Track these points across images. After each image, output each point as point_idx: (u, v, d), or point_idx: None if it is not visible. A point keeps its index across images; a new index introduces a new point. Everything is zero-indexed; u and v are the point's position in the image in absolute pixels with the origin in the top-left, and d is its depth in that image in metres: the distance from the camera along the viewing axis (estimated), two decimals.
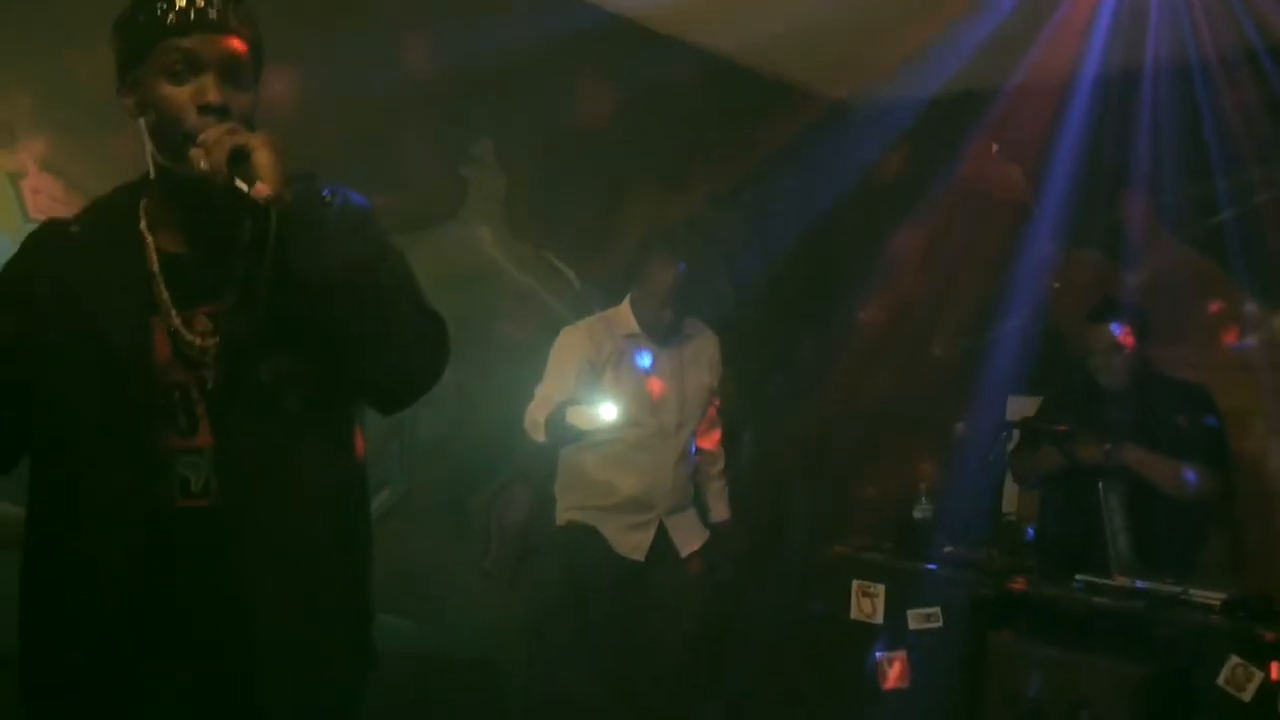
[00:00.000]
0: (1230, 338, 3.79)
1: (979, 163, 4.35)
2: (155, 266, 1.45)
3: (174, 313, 1.43)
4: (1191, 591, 2.89)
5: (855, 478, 4.47)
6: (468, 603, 3.59)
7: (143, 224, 1.48)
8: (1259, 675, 2.59)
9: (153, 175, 1.48)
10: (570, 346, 3.33)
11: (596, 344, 3.31)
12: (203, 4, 1.40)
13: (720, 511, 3.57)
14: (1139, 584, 2.96)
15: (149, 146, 1.45)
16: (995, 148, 4.32)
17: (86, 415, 1.41)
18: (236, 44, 1.41)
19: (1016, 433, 3.42)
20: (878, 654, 3.22)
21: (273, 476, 1.43)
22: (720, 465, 3.61)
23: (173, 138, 1.39)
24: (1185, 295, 3.85)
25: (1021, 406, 3.66)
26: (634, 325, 3.37)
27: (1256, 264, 3.67)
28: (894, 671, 3.21)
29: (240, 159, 1.31)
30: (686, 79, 4.10)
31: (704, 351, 3.47)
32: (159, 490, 1.41)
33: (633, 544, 3.32)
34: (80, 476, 1.41)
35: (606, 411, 2.97)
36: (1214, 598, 2.83)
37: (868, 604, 3.28)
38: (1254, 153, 3.65)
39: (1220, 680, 2.63)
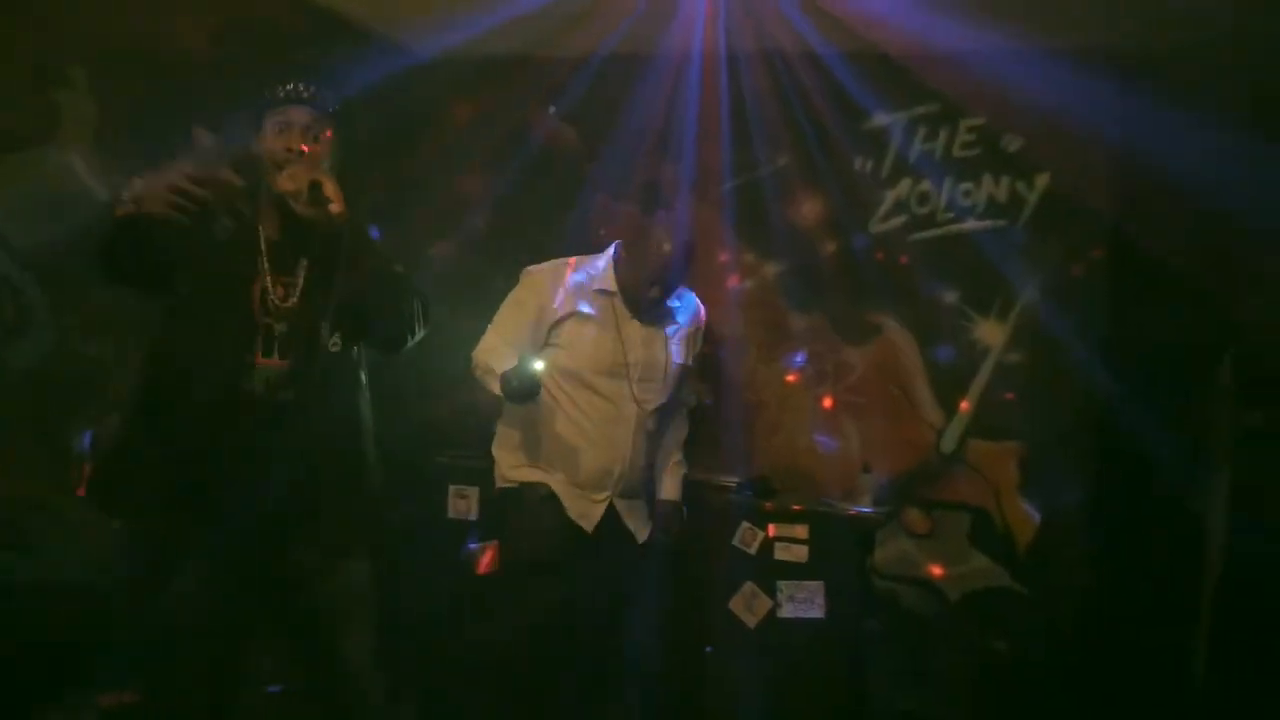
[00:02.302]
0: (732, 281, 4.78)
1: (539, 121, 4.94)
2: (263, 246, 2.27)
3: (268, 276, 2.25)
4: (714, 477, 3.80)
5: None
6: (68, 532, 3.58)
7: (258, 219, 2.29)
8: (761, 534, 3.51)
9: (266, 190, 2.29)
10: (531, 291, 3.09)
11: (562, 293, 3.05)
12: (297, 87, 2.31)
13: (670, 490, 3.33)
14: None
15: (266, 172, 2.28)
16: (553, 109, 4.94)
17: (208, 324, 2.19)
18: (312, 113, 2.32)
19: None
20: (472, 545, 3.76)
21: (320, 387, 2.21)
22: (682, 437, 3.38)
23: (269, 168, 2.26)
24: (701, 246, 4.76)
25: None
26: (612, 283, 3.11)
27: (754, 224, 4.67)
28: (485, 559, 3.75)
29: (316, 187, 2.15)
30: (274, 13, 4.23)
31: (684, 326, 3.22)
32: (243, 383, 2.18)
33: (579, 512, 3.06)
34: (193, 349, 2.19)
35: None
36: (729, 481, 3.76)
37: (463, 504, 3.79)
38: (757, 135, 4.62)
39: (735, 540, 3.53)
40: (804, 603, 3.38)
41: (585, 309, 3.04)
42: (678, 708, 3.49)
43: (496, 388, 2.89)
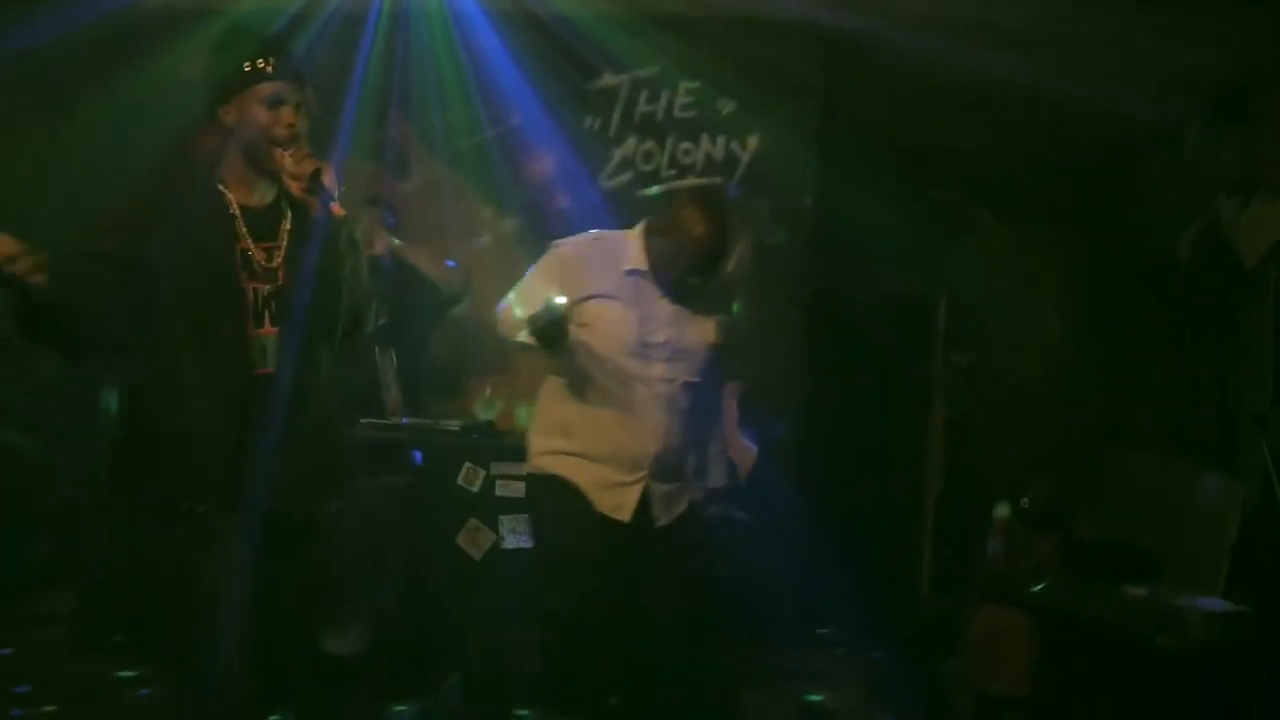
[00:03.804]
0: (471, 235, 4.91)
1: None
2: (235, 210, 2.21)
3: (250, 241, 2.20)
4: (440, 423, 3.96)
5: None
6: None
7: (220, 184, 2.22)
8: (483, 473, 3.70)
9: (235, 157, 2.21)
10: (558, 263, 2.95)
11: (587, 273, 2.88)
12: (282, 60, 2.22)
13: (716, 478, 3.15)
14: (404, 421, 3.96)
15: (238, 142, 2.20)
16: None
17: (197, 303, 2.15)
18: (292, 87, 2.20)
19: None
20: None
21: (304, 356, 2.23)
22: (729, 424, 3.26)
23: (260, 142, 2.17)
24: (441, 202, 4.89)
25: None
26: (641, 260, 2.92)
27: (490, 181, 4.82)
28: None
29: (317, 175, 2.11)
30: None
31: (719, 303, 3.03)
32: (240, 359, 2.16)
33: (614, 503, 2.90)
34: (189, 345, 2.14)
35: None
36: (454, 425, 3.92)
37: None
38: (491, 94, 4.76)
39: (459, 479, 3.69)
40: (525, 534, 3.58)
41: (612, 289, 2.89)
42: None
43: (525, 334, 2.81)
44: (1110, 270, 5.01)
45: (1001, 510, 3.84)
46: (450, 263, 4.43)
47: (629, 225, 3.00)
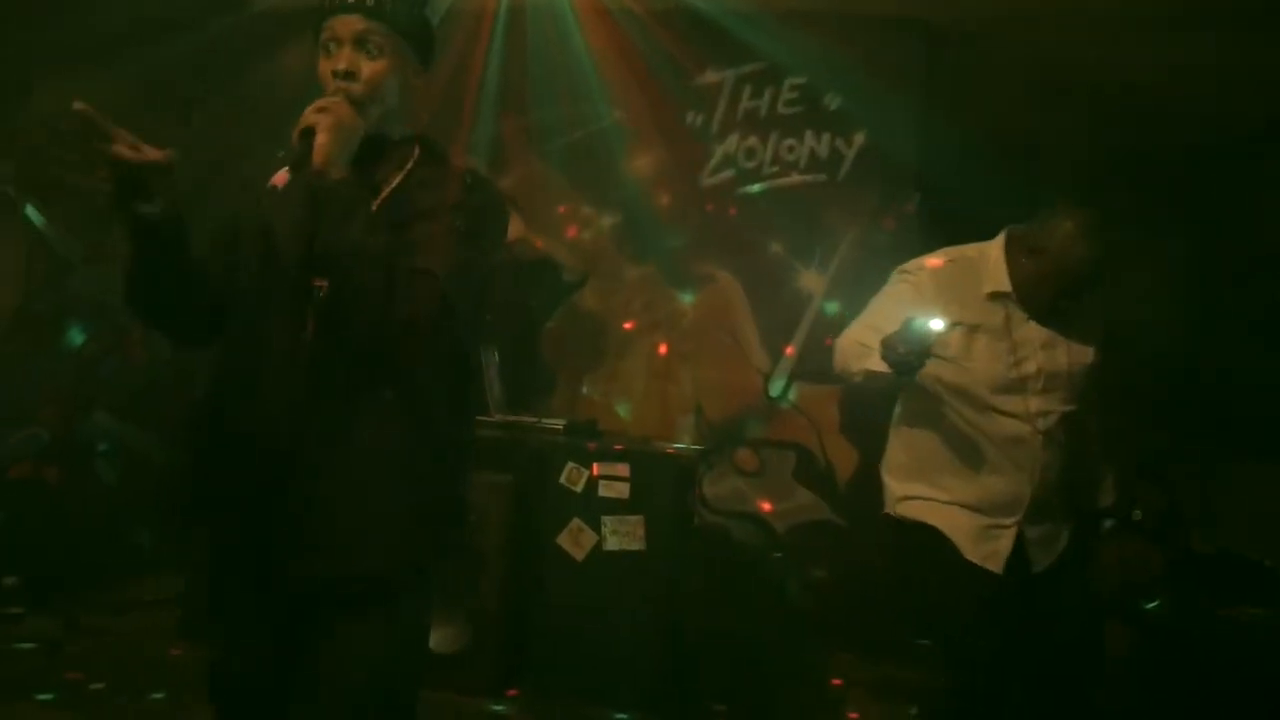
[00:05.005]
0: (573, 231, 4.93)
1: None
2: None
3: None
4: (543, 421, 3.98)
5: None
6: None
7: None
8: (586, 473, 3.70)
9: None
10: (911, 289, 2.62)
11: (944, 301, 2.53)
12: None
13: (1105, 495, 2.85)
14: (508, 418, 3.98)
15: None
16: None
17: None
18: (366, 22, 1.79)
19: None
20: None
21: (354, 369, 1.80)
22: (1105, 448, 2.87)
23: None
24: (540, 198, 4.91)
25: None
26: (1004, 282, 2.61)
27: (590, 177, 4.82)
28: None
29: (308, 134, 1.67)
30: None
31: (1091, 321, 2.70)
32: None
33: (986, 551, 2.60)
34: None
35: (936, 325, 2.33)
36: (557, 424, 3.93)
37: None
38: (593, 89, 4.76)
39: (562, 478, 3.71)
40: (627, 536, 3.59)
41: (975, 316, 2.60)
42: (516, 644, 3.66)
43: (872, 363, 2.44)
44: (1222, 270, 4.85)
45: (1111, 523, 3.74)
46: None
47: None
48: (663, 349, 4.75)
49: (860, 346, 2.53)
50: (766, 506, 4.68)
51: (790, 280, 4.66)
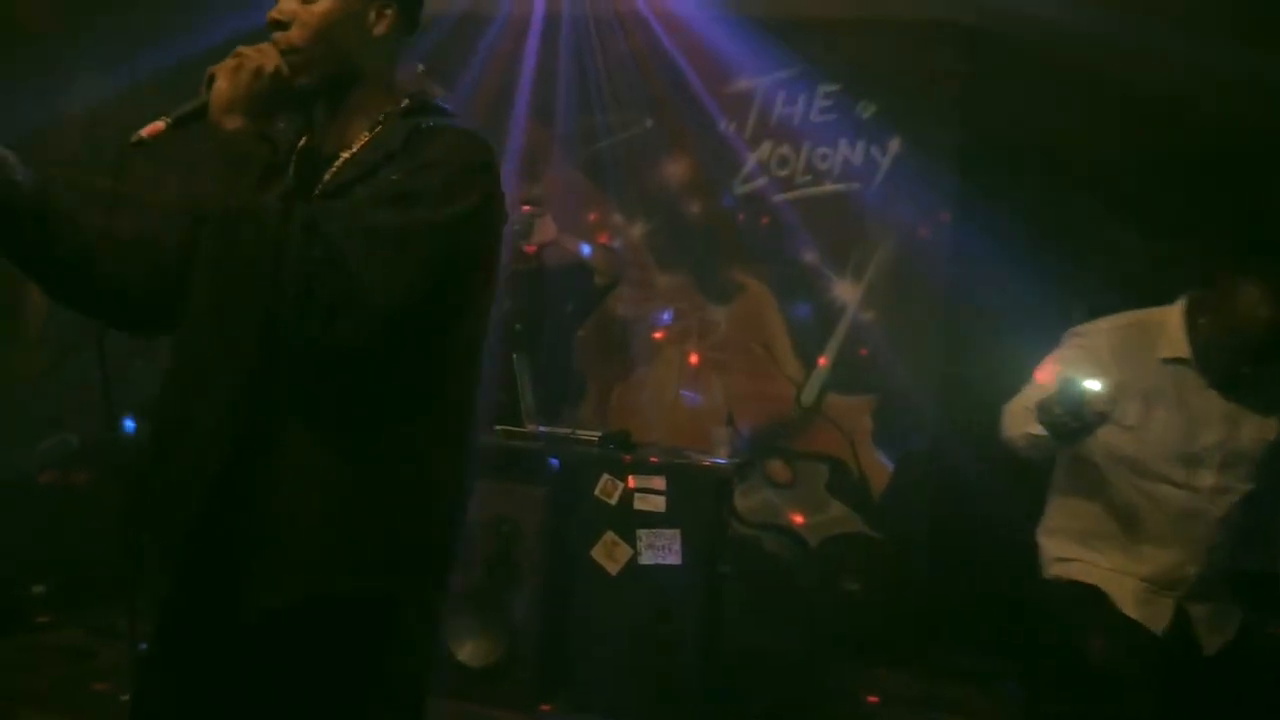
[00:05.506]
0: (604, 238, 4.90)
1: (408, 78, 4.95)
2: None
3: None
4: (577, 432, 3.93)
5: None
6: None
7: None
8: (621, 485, 3.66)
9: None
10: (1084, 354, 2.51)
11: (1117, 365, 2.46)
12: None
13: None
14: (541, 429, 3.94)
15: None
16: (421, 67, 4.95)
17: None
18: None
19: None
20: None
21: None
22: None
23: None
24: (571, 205, 4.88)
25: None
26: (1183, 347, 2.53)
27: (621, 185, 4.79)
28: None
29: (210, 81, 1.46)
30: None
31: (1275, 393, 2.56)
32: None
33: (1146, 613, 2.52)
34: None
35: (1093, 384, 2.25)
36: (591, 435, 3.89)
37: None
38: (626, 97, 4.73)
39: (596, 491, 3.67)
40: (662, 550, 3.54)
41: (1149, 381, 2.52)
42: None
43: (1034, 426, 2.35)
44: None
45: None
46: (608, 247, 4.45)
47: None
48: (694, 359, 4.71)
49: (1027, 411, 2.41)
50: (799, 519, 4.63)
51: (824, 290, 4.61)
